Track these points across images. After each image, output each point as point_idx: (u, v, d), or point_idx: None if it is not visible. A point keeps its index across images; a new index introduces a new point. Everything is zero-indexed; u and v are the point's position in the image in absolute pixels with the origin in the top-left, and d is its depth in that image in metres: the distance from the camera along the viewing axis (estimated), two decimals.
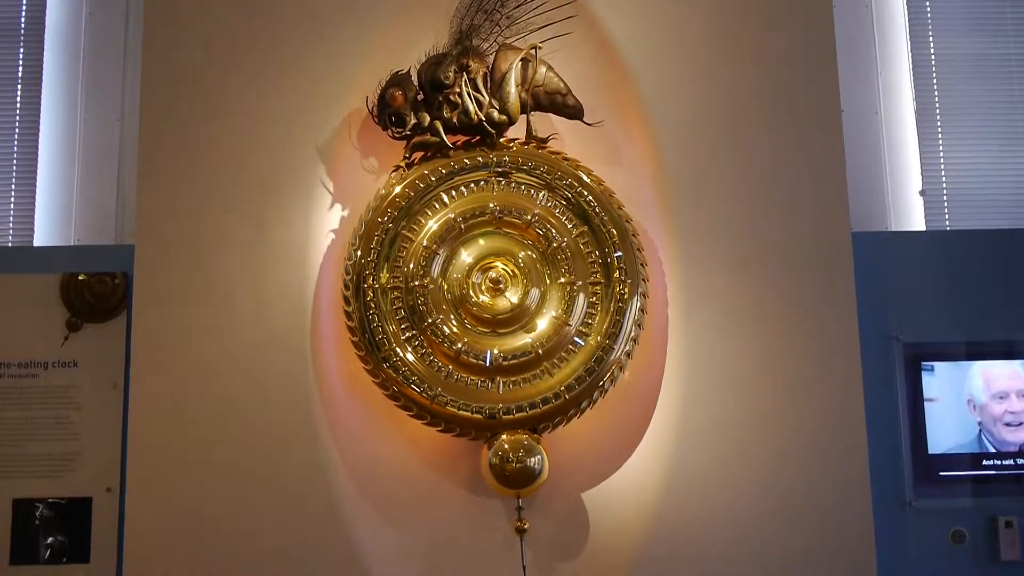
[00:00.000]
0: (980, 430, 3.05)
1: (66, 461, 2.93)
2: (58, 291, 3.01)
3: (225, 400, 2.70)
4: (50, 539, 2.89)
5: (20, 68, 3.48)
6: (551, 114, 2.75)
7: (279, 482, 2.68)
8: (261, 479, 2.68)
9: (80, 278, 3.01)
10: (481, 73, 2.72)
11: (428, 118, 2.70)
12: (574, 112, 2.74)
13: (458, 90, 2.70)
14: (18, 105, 3.46)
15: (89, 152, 3.40)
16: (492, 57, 2.73)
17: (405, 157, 2.71)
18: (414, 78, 2.71)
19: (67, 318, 3.00)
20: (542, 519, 2.67)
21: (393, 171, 2.72)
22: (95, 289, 3.01)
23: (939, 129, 3.54)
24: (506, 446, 2.57)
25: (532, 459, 2.56)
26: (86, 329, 3.00)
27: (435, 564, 2.67)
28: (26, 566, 2.88)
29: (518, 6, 2.76)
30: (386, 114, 2.69)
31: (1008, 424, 3.04)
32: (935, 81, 3.56)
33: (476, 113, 2.69)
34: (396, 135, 2.70)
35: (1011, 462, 3.04)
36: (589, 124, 2.74)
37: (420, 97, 2.70)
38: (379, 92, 2.69)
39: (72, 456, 2.93)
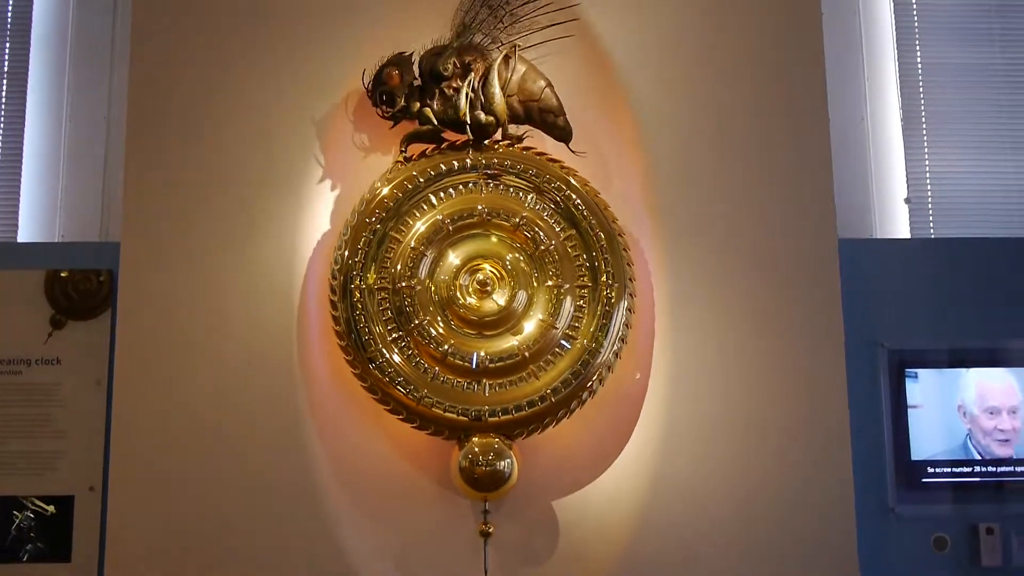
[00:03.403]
0: (968, 437, 3.06)
1: (49, 459, 2.91)
2: (42, 288, 2.99)
3: (210, 399, 2.69)
4: (31, 538, 2.87)
5: (6, 63, 3.45)
6: (539, 129, 2.75)
7: (263, 483, 2.67)
8: (245, 479, 2.67)
9: (63, 275, 3.00)
10: (480, 73, 2.71)
11: (418, 105, 2.69)
12: (562, 135, 2.73)
13: (456, 85, 2.70)
14: (3, 100, 3.43)
15: (74, 148, 3.38)
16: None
17: (402, 151, 2.71)
18: (415, 64, 2.70)
19: (51, 315, 2.98)
20: (513, 524, 2.67)
21: (395, 164, 2.72)
22: (80, 286, 2.99)
23: (925, 137, 3.55)
24: (476, 449, 2.57)
25: (502, 463, 2.56)
26: (70, 326, 2.98)
27: (415, 563, 2.67)
28: (6, 564, 2.86)
29: (523, 4, 2.75)
30: (379, 91, 2.69)
31: (998, 440, 3.06)
32: (921, 89, 3.58)
33: (465, 111, 2.69)
34: (384, 114, 2.70)
35: (993, 469, 3.06)
36: (574, 152, 2.73)
37: (417, 84, 2.70)
38: (377, 68, 2.69)
39: (55, 454, 2.91)
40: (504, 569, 2.66)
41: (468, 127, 2.69)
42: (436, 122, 2.69)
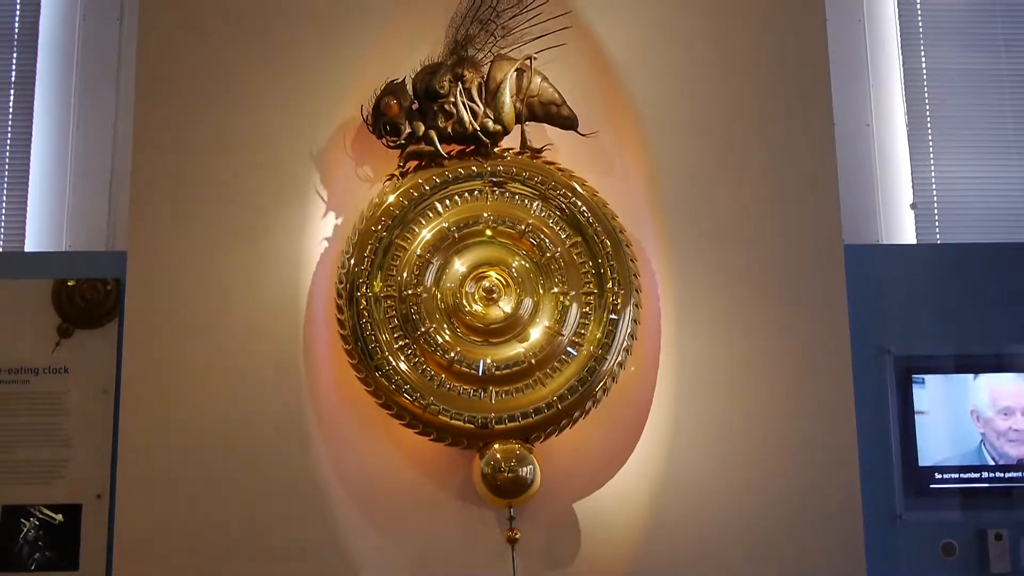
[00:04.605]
0: (982, 442, 3.06)
1: (56, 467, 2.91)
2: (50, 297, 3.00)
3: (216, 407, 2.70)
4: (39, 546, 2.88)
5: (13, 73, 3.47)
6: (546, 124, 2.75)
7: (270, 490, 2.67)
8: (252, 487, 2.67)
9: (70, 284, 3.00)
10: (476, 83, 2.72)
11: (423, 127, 2.70)
12: (568, 123, 2.74)
13: (453, 100, 2.70)
14: (11, 110, 3.45)
15: (81, 158, 3.39)
16: (487, 67, 2.73)
17: (399, 166, 2.71)
18: (409, 87, 2.71)
19: (58, 324, 2.99)
20: (534, 528, 2.67)
21: (387, 180, 2.72)
22: (87, 295, 3.00)
23: (930, 142, 3.55)
24: (498, 456, 2.56)
25: (524, 468, 2.55)
26: (77, 335, 2.99)
27: (426, 573, 2.66)
28: (15, 573, 2.86)
29: (513, 17, 2.76)
30: (381, 123, 2.69)
31: (1011, 440, 3.06)
32: (926, 95, 3.58)
33: (471, 123, 2.70)
34: (391, 144, 2.71)
35: (1001, 475, 3.05)
36: (583, 135, 2.74)
37: (415, 106, 2.70)
38: (374, 101, 2.70)
39: (62, 463, 2.92)
40: (528, 574, 2.65)
41: (479, 133, 2.69)
42: (438, 147, 2.69)
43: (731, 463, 2.73)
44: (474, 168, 2.71)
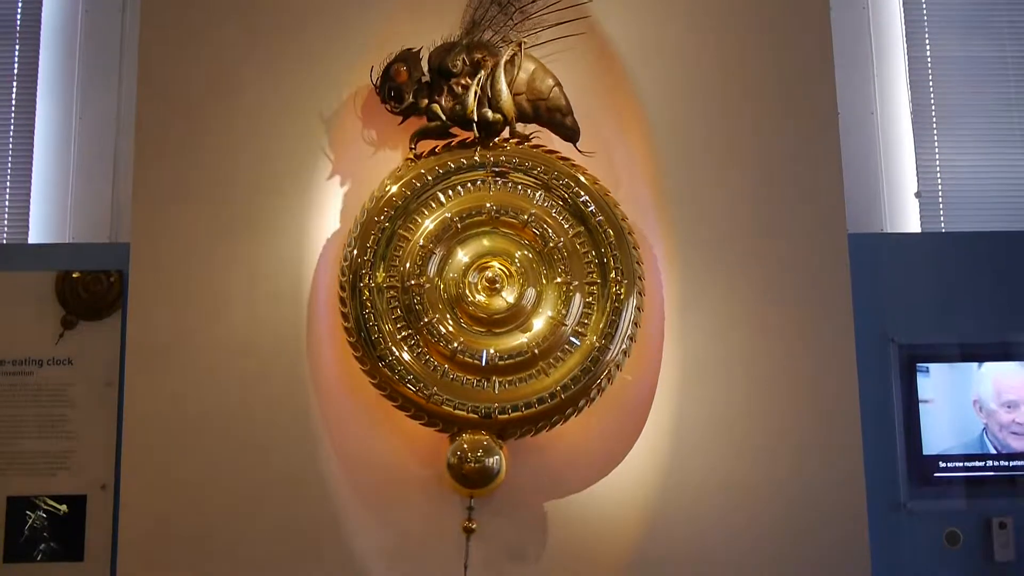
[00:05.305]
0: (984, 431, 3.05)
1: (61, 459, 2.92)
2: (53, 289, 3.00)
3: (220, 398, 2.70)
4: (44, 537, 2.89)
5: (16, 65, 3.47)
6: (547, 128, 2.74)
7: (274, 481, 2.67)
8: (256, 478, 2.68)
9: (74, 276, 3.01)
10: (489, 70, 2.71)
11: (426, 101, 2.69)
12: (569, 134, 2.73)
13: (464, 82, 2.70)
14: (14, 102, 3.45)
15: (85, 149, 3.40)
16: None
17: (411, 148, 2.71)
18: (424, 60, 2.71)
19: (62, 316, 2.99)
20: (535, 522, 2.67)
21: (402, 165, 2.72)
22: (90, 287, 3.00)
23: (935, 131, 3.55)
24: (465, 446, 2.57)
25: (491, 459, 2.56)
26: (81, 327, 2.99)
27: (427, 563, 2.67)
28: (20, 564, 2.87)
29: (532, 1, 2.76)
30: (387, 87, 2.69)
31: (1015, 433, 3.05)
32: (931, 83, 3.57)
33: (473, 109, 2.69)
34: (393, 109, 2.70)
35: (1006, 463, 3.05)
36: (581, 151, 2.73)
37: (426, 80, 2.70)
38: (385, 64, 2.69)
39: (66, 454, 2.92)
40: (489, 566, 2.65)
41: (475, 124, 2.69)
42: (444, 118, 2.70)
43: (734, 452, 2.73)
44: (476, 158, 2.71)
